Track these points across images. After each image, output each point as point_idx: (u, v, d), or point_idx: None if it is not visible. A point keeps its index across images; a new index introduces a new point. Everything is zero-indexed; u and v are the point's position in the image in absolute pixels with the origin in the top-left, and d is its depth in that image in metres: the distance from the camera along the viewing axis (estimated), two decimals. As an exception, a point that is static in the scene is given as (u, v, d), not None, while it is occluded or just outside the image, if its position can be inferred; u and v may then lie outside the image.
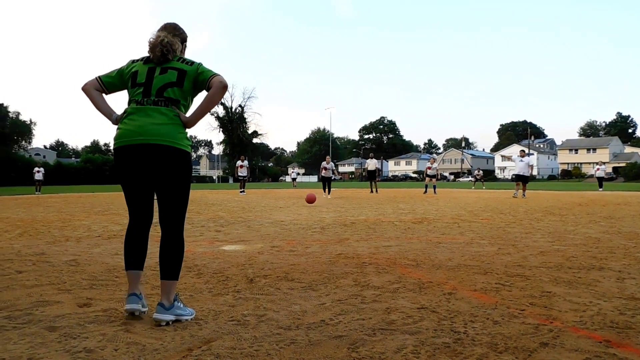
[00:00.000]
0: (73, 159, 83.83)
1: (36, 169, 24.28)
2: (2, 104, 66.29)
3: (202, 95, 2.61)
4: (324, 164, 16.78)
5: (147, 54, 2.59)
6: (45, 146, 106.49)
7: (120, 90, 2.66)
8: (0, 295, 2.92)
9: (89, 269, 3.77)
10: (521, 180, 16.18)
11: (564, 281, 3.24)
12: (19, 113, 68.56)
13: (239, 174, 19.92)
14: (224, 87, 2.53)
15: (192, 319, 2.45)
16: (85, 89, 2.59)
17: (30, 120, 69.56)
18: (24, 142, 68.89)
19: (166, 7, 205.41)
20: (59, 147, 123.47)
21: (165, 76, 2.52)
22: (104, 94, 2.63)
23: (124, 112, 2.54)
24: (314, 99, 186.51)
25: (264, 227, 6.82)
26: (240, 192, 19.89)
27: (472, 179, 34.44)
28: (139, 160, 2.46)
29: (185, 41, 2.79)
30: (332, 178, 16.71)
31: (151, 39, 2.57)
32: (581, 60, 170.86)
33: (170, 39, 2.57)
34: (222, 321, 2.38)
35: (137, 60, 2.63)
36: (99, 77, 2.62)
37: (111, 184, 39.70)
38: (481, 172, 33.09)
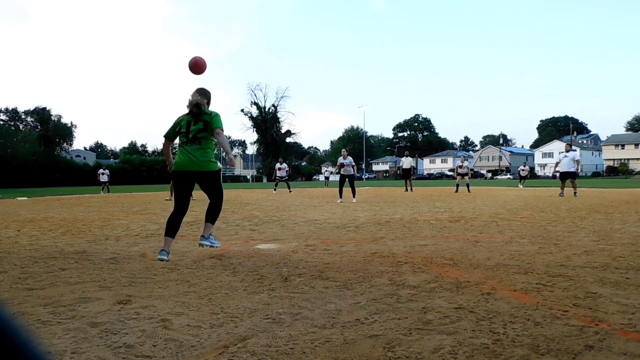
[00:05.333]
0: (112, 160, 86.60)
1: (101, 170, 24.29)
2: (45, 108, 69.20)
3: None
4: (340, 159, 13.44)
5: (188, 109, 4.28)
6: (85, 148, 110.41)
7: (177, 137, 4.33)
8: (45, 291, 3.03)
9: (128, 266, 3.88)
10: (568, 177, 15.28)
11: (611, 282, 3.10)
12: (60, 116, 71.34)
13: (277, 175, 20.54)
14: (217, 134, 4.18)
15: (219, 247, 4.48)
16: (164, 144, 4.48)
17: (71, 123, 72.30)
18: (65, 144, 71.65)
19: (206, 8, 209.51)
20: (98, 149, 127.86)
21: (197, 126, 4.20)
22: (170, 141, 4.44)
23: (176, 153, 4.37)
24: (347, 97, 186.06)
25: (298, 226, 6.84)
26: (289, 192, 20.47)
27: (518, 176, 29.95)
28: (184, 179, 4.25)
29: (210, 98, 4.43)
30: (353, 175, 13.53)
31: (189, 99, 4.26)
32: (626, 50, 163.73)
33: (199, 100, 4.23)
34: (258, 319, 2.40)
35: (183, 115, 4.31)
36: (164, 136, 4.39)
37: (148, 184, 40.74)
38: (527, 167, 28.45)
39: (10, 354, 0.42)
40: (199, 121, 4.18)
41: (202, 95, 4.30)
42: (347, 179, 13.31)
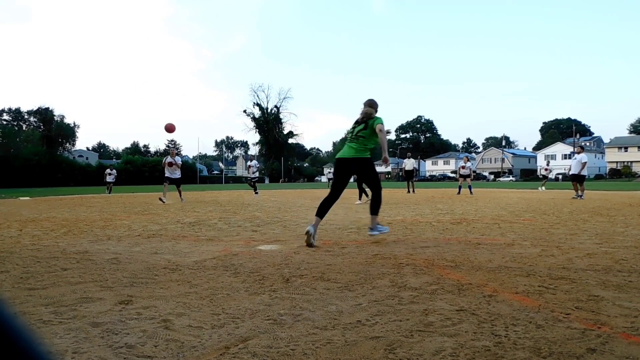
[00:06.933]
0: (114, 160, 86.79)
1: (108, 170, 23.84)
2: (48, 108, 69.48)
3: None
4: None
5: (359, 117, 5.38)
6: (87, 148, 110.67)
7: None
8: (47, 291, 3.04)
9: (129, 267, 3.88)
10: (575, 179, 15.35)
11: (613, 285, 3.08)
12: (63, 116, 71.68)
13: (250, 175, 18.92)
14: (380, 130, 5.12)
15: (386, 231, 5.47)
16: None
17: (74, 123, 72.62)
18: (68, 144, 71.90)
19: (207, 9, 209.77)
20: (101, 149, 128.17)
21: (360, 127, 5.26)
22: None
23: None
24: (349, 99, 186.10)
25: (299, 227, 6.84)
26: (255, 193, 18.86)
27: (541, 176, 26.67)
28: (342, 166, 5.28)
29: (377, 107, 5.41)
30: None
31: (364, 111, 5.34)
32: (629, 52, 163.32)
33: (367, 111, 5.32)
34: (259, 320, 2.39)
35: (356, 123, 5.39)
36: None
37: (150, 185, 40.74)
38: (550, 168, 25.91)
39: (13, 353, 0.42)
40: (362, 123, 5.28)
41: (370, 106, 5.37)
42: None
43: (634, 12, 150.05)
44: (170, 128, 12.36)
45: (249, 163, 19.41)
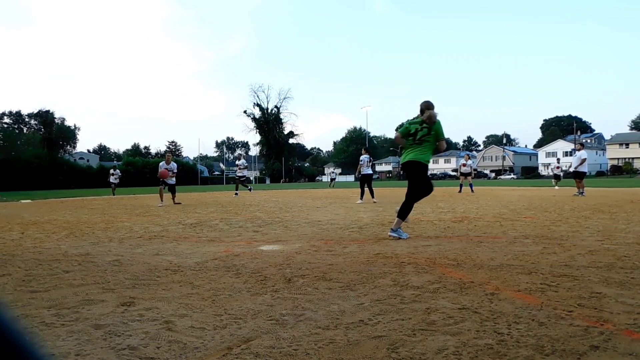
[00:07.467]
0: (115, 162, 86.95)
1: (111, 171, 23.17)
2: (49, 111, 69.57)
3: None
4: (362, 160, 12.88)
5: (420, 119, 5.57)
6: (88, 150, 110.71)
7: (408, 137, 5.63)
8: (49, 293, 3.04)
9: (131, 268, 3.88)
10: (575, 176, 15.40)
11: (616, 282, 3.08)
12: (64, 119, 71.86)
13: (237, 175, 18.48)
14: (441, 145, 5.61)
15: (405, 238, 5.36)
16: (397, 137, 5.84)
17: (75, 126, 72.77)
18: (69, 146, 72.02)
19: (207, 10, 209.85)
20: (102, 151, 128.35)
21: (423, 132, 5.50)
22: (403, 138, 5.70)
23: (406, 146, 5.67)
24: (350, 98, 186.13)
25: (301, 227, 6.84)
26: (234, 194, 18.58)
27: (552, 174, 24.75)
28: (410, 169, 5.59)
29: (433, 108, 5.59)
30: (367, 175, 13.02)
31: (430, 115, 5.46)
32: (629, 49, 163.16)
33: (433, 114, 5.50)
34: (261, 320, 2.39)
35: (414, 121, 5.64)
36: (400, 131, 5.72)
37: (151, 187, 40.78)
38: (561, 166, 24.05)
39: (12, 357, 0.42)
40: (426, 128, 5.52)
41: (428, 108, 5.60)
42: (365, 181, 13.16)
43: (634, 11, 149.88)
44: (163, 174, 13.52)
45: (237, 162, 18.87)
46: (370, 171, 13.20)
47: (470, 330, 2.17)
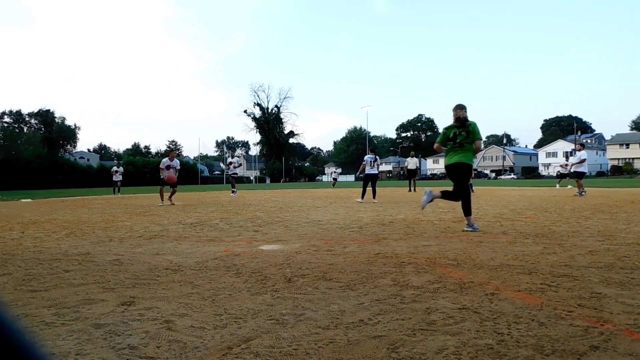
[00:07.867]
0: (115, 161, 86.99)
1: (114, 168, 22.42)
2: (49, 110, 69.57)
3: None
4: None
5: (454, 123, 6.04)
6: (89, 149, 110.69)
7: (447, 142, 6.15)
8: (50, 293, 3.04)
9: (131, 268, 3.88)
10: (576, 176, 15.51)
11: (616, 282, 3.08)
12: (64, 118, 71.83)
13: (230, 172, 18.21)
14: (477, 150, 6.03)
15: (478, 230, 5.92)
16: (436, 147, 6.45)
17: (75, 125, 72.76)
18: (69, 146, 72.01)
19: (208, 10, 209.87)
20: (102, 150, 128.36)
21: (461, 135, 5.94)
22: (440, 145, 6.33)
23: (448, 149, 6.14)
24: (350, 98, 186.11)
25: (301, 227, 6.84)
26: (232, 192, 18.35)
27: (559, 173, 23.86)
28: (452, 171, 6.07)
29: (466, 110, 6.02)
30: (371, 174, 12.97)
31: (459, 115, 5.98)
32: (630, 49, 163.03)
33: (463, 115, 5.98)
34: (261, 320, 2.39)
35: (451, 126, 6.06)
36: (437, 141, 6.34)
37: (152, 186, 40.77)
38: (567, 164, 21.85)
39: (12, 357, 0.42)
40: (463, 131, 5.93)
41: (461, 109, 5.99)
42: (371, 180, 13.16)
43: (635, 10, 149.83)
44: (170, 179, 13.40)
45: (229, 159, 18.56)
46: (375, 171, 13.24)
47: (470, 330, 2.17)
